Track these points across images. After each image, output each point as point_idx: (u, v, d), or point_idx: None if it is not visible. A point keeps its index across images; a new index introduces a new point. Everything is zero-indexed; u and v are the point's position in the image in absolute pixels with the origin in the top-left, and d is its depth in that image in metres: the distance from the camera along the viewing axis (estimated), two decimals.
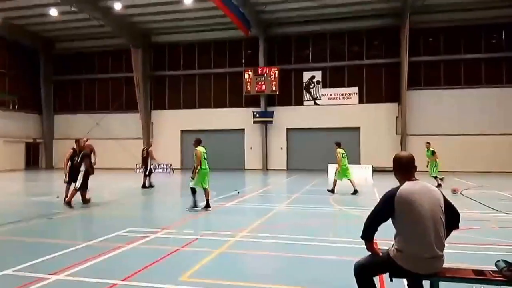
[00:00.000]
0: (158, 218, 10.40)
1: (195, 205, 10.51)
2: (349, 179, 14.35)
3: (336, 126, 28.77)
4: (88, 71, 33.29)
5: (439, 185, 14.60)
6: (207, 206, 10.55)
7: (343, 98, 29.18)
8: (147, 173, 16.42)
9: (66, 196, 11.28)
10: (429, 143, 16.79)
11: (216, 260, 6.09)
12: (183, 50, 31.76)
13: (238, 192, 14.65)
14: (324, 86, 29.53)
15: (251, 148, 30.51)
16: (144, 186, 16.13)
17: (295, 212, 11.01)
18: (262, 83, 29.19)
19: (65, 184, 11.58)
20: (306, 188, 16.50)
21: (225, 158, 30.10)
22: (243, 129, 30.60)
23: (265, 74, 29.16)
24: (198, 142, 10.87)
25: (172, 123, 31.52)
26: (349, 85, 29.05)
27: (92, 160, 12.20)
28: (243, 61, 30.77)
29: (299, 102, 29.99)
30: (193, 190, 10.54)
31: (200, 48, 31.40)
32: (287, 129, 29.99)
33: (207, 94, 31.49)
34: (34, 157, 33.00)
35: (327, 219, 9.74)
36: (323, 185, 18.39)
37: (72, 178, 11.39)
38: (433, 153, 16.28)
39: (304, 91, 29.92)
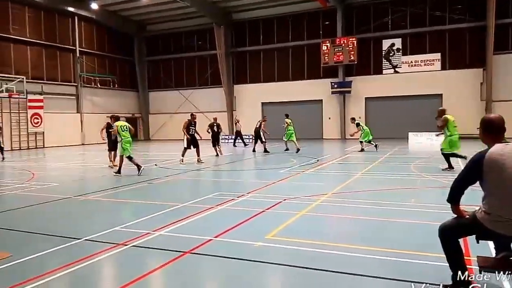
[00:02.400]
0: (244, 183, 11.18)
1: (138, 168, 12.09)
2: (293, 141, 18.99)
3: (417, 93, 28.49)
4: (176, 51, 35.94)
5: (362, 150, 18.67)
6: (118, 172, 12.18)
7: (425, 65, 28.58)
8: (263, 140, 19.88)
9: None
10: (353, 118, 20.18)
11: (299, 221, 6.41)
12: (262, 26, 32.87)
13: (318, 160, 15.67)
14: (404, 54, 29.08)
15: (329, 118, 31.28)
16: (265, 151, 19.49)
17: (375, 178, 11.11)
18: (340, 53, 29.53)
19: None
20: (385, 156, 16.61)
21: (303, 128, 31.10)
22: (321, 100, 31.34)
23: (343, 45, 29.41)
24: (116, 119, 12.78)
25: (253, 96, 33.17)
26: (430, 52, 28.32)
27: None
28: (320, 32, 31.08)
29: (378, 71, 29.90)
30: (129, 158, 12.26)
31: (278, 23, 32.28)
32: (366, 98, 30.21)
33: (286, 67, 32.51)
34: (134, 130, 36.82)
35: (408, 185, 9.78)
36: (404, 152, 18.91)
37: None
38: (358, 124, 19.28)
39: (383, 59, 29.78)
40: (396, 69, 29.42)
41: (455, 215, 3.53)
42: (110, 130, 14.39)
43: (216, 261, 4.71)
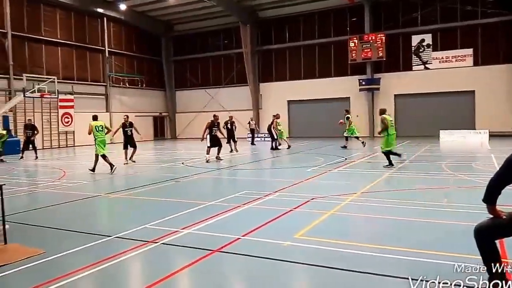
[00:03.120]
0: (271, 182, 11.18)
1: (111, 167, 12.63)
2: (283, 138, 21.55)
3: (448, 90, 27.72)
4: (202, 50, 36.20)
5: (345, 146, 20.26)
6: (93, 170, 12.81)
7: (456, 60, 27.77)
8: (275, 137, 20.95)
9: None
10: (347, 110, 22.10)
11: (328, 221, 6.31)
12: (288, 23, 32.69)
13: (346, 158, 15.45)
14: (434, 49, 28.35)
15: (357, 116, 30.70)
16: (275, 148, 20.52)
17: (405, 177, 10.83)
18: (368, 50, 29.02)
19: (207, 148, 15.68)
20: (417, 154, 16.20)
21: (330, 126, 30.80)
22: (349, 97, 30.87)
23: (371, 41, 28.88)
24: (93, 118, 13.26)
25: (279, 94, 32.99)
26: (462, 47, 27.50)
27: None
28: (348, 29, 30.68)
29: (408, 67, 29.26)
30: (103, 156, 12.77)
31: (305, 20, 32.01)
32: (395, 95, 29.59)
33: (312, 65, 32.20)
34: (161, 129, 37.49)
35: (440, 185, 9.52)
36: (435, 151, 18.39)
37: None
38: (347, 118, 20.67)
39: (413, 55, 29.10)
40: (426, 65, 28.71)
41: (491, 216, 3.39)
42: (126, 129, 15.80)
43: (245, 260, 4.67)
